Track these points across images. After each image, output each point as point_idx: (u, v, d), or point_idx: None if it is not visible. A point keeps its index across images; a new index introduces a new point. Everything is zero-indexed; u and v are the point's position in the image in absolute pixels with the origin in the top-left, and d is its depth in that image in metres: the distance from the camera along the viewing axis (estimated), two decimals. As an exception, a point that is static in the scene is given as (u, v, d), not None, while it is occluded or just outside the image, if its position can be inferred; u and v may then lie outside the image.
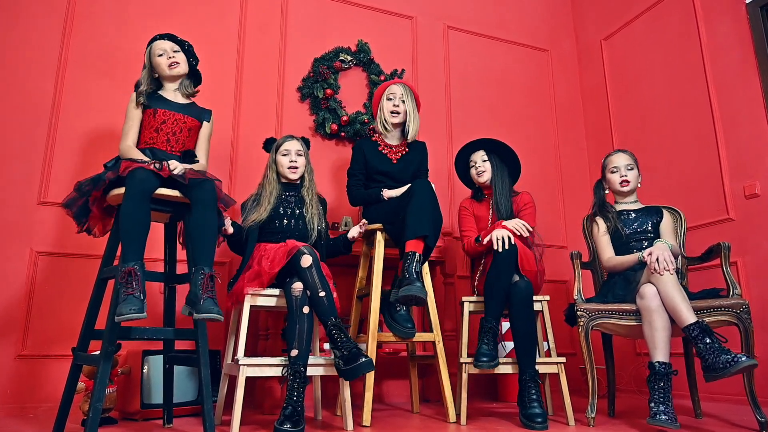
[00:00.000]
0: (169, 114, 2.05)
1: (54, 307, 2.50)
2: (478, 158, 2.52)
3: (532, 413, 2.00)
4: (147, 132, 2.03)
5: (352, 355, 1.87)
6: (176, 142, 2.05)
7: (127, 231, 1.72)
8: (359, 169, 2.47)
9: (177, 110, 2.07)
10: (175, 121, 2.05)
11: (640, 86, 3.49)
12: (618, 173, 2.42)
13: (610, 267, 2.32)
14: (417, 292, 1.99)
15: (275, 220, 2.27)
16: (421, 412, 2.46)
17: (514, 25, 3.90)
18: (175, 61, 2.08)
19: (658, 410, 1.86)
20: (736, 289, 2.08)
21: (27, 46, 2.68)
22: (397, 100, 2.47)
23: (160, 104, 2.06)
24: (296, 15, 3.28)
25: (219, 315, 1.70)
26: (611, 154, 2.50)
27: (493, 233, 2.23)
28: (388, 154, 2.49)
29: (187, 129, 2.09)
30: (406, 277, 2.05)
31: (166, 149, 2.03)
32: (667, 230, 2.36)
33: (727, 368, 1.77)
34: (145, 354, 2.19)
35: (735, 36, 2.93)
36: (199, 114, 2.15)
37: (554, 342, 2.33)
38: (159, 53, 2.08)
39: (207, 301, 1.70)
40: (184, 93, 2.14)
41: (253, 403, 2.55)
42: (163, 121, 2.03)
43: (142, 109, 2.04)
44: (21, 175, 2.56)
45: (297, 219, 2.30)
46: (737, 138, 2.88)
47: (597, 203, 2.48)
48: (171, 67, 2.08)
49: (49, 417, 2.07)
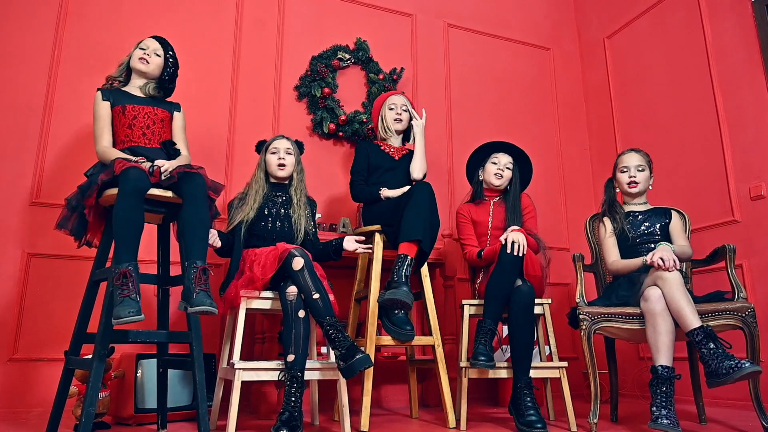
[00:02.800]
0: (138, 108, 2.03)
1: (46, 310, 2.47)
2: (505, 161, 2.49)
3: (531, 420, 1.98)
4: (121, 130, 2.02)
5: (348, 351, 1.86)
6: (152, 134, 2.04)
7: (121, 231, 1.69)
8: (362, 167, 2.50)
9: (145, 103, 2.06)
10: (146, 114, 2.04)
11: (643, 85, 3.45)
12: (627, 173, 2.38)
13: (615, 270, 2.28)
14: (402, 297, 1.99)
15: (261, 221, 2.24)
16: (421, 417, 2.44)
17: (516, 23, 3.87)
18: (145, 59, 2.08)
19: (660, 414, 1.84)
20: (742, 293, 2.06)
21: (19, 44, 2.64)
22: (398, 109, 2.57)
23: (126, 100, 2.04)
24: (294, 12, 3.24)
25: (213, 308, 1.68)
26: (624, 153, 2.44)
27: (511, 235, 2.18)
28: (390, 152, 2.54)
29: (160, 120, 2.07)
30: (394, 280, 2.06)
31: (143, 144, 2.01)
32: (676, 231, 2.33)
33: (730, 374, 1.76)
34: (139, 357, 2.16)
35: (740, 34, 2.89)
36: (168, 106, 2.14)
37: (556, 346, 2.31)
38: (141, 47, 2.10)
39: (200, 294, 1.68)
40: (147, 93, 2.12)
41: (248, 408, 2.52)
42: (134, 116, 2.02)
43: (110, 106, 2.02)
44: (12, 176, 2.53)
45: (283, 220, 2.27)
46: (743, 138, 2.84)
47: (606, 202, 2.43)
48: (140, 60, 2.08)
49: (41, 422, 2.04)
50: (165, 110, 2.10)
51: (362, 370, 1.85)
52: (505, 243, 2.17)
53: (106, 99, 2.02)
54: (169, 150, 2.02)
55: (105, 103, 2.02)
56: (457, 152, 3.40)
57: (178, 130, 2.13)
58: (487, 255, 2.32)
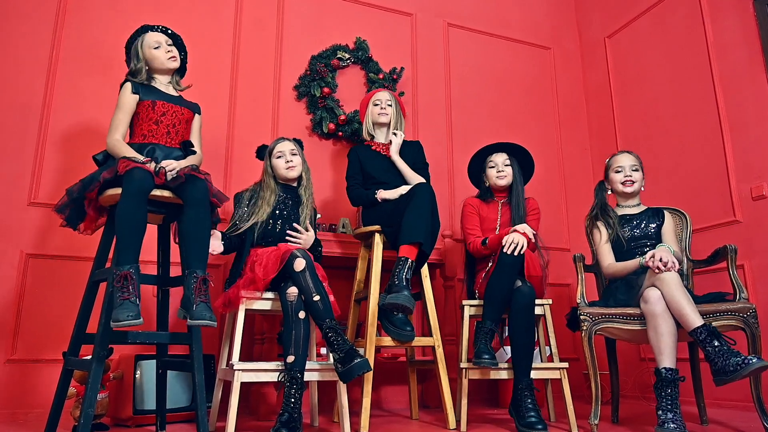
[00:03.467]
0: (168, 106, 2.01)
1: (44, 311, 2.46)
2: (500, 160, 2.47)
3: (531, 422, 1.97)
4: (146, 124, 1.98)
5: (347, 355, 1.86)
6: (176, 134, 2.03)
7: (124, 233, 1.68)
8: (356, 172, 2.51)
9: (175, 102, 2.05)
10: (174, 113, 2.02)
11: (644, 85, 3.43)
12: (622, 173, 2.38)
13: (610, 273, 2.28)
14: (403, 301, 1.99)
15: (269, 224, 2.23)
16: (421, 419, 2.43)
17: (516, 23, 3.85)
18: (173, 55, 2.06)
19: (667, 418, 1.83)
20: (743, 293, 2.06)
21: (17, 42, 2.63)
22: (383, 104, 2.58)
23: (156, 96, 2.01)
24: (293, 11, 3.23)
25: (212, 321, 1.69)
26: (616, 155, 2.46)
27: (509, 236, 2.17)
28: (381, 150, 2.55)
29: (185, 121, 2.07)
30: (395, 283, 2.05)
31: (165, 142, 1.99)
32: (668, 233, 2.32)
33: (738, 371, 1.74)
34: (138, 358, 2.15)
35: (742, 33, 2.88)
36: (192, 106, 2.13)
37: (556, 347, 2.30)
38: (155, 45, 2.03)
39: (200, 306, 1.69)
40: (176, 87, 2.12)
41: (248, 409, 2.51)
42: (163, 113, 2.00)
43: (137, 100, 1.98)
44: (10, 175, 2.52)
45: (292, 222, 2.26)
46: (744, 138, 2.83)
47: (597, 205, 2.43)
48: (172, 59, 2.06)
49: (39, 423, 2.03)
50: (190, 111, 2.10)
51: (360, 374, 1.85)
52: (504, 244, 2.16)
53: (135, 92, 1.97)
54: (187, 151, 2.02)
55: (133, 96, 1.96)
56: (457, 152, 3.39)
57: (197, 131, 2.13)
58: (492, 243, 2.27)
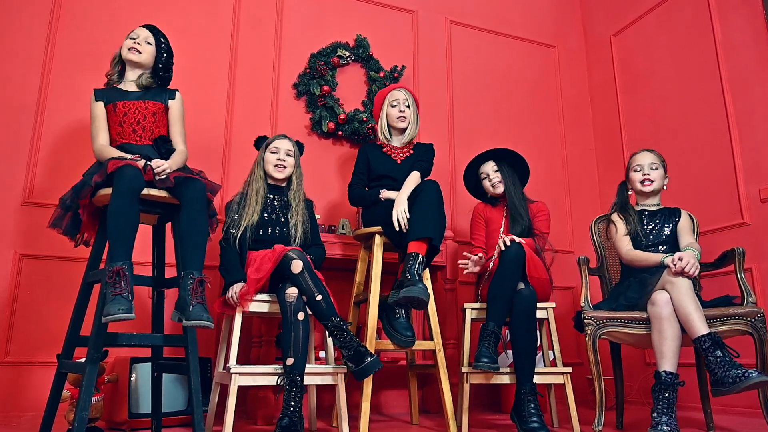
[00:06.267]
0: (128, 104, 1.98)
1: (38, 312, 2.43)
2: (489, 169, 2.47)
3: (534, 427, 1.95)
4: (113, 129, 1.99)
5: (356, 353, 1.88)
6: (143, 130, 1.99)
7: (116, 230, 1.67)
8: (361, 171, 2.46)
9: (135, 98, 2.01)
10: (136, 110, 1.98)
11: (651, 84, 3.39)
12: (641, 171, 2.34)
13: (629, 260, 2.23)
14: (419, 294, 1.93)
15: (260, 228, 2.19)
16: (421, 424, 2.40)
17: (520, 20, 3.81)
18: (135, 48, 2.02)
19: (660, 421, 1.83)
20: (751, 297, 2.04)
21: (11, 40, 2.60)
22: (401, 106, 2.48)
23: (118, 97, 2.00)
24: (292, 8, 3.19)
25: (209, 322, 1.67)
26: (637, 153, 2.41)
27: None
28: (393, 155, 2.47)
29: (151, 114, 2.01)
30: (408, 278, 2.00)
31: (134, 141, 1.97)
32: (684, 230, 2.28)
33: (736, 384, 1.75)
34: (133, 361, 2.13)
35: (750, 31, 2.83)
36: (161, 95, 2.05)
37: (560, 351, 2.28)
38: (131, 36, 2.04)
39: (196, 308, 1.67)
40: (141, 86, 2.05)
41: (245, 413, 2.48)
42: (125, 113, 1.97)
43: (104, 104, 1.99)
44: (4, 175, 2.49)
45: (282, 226, 2.22)
46: (753, 138, 2.79)
47: (618, 203, 2.39)
48: (130, 51, 2.02)
49: (33, 426, 2.01)
50: (157, 102, 2.02)
51: (374, 372, 1.88)
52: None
53: (99, 99, 2.00)
54: (161, 148, 1.97)
55: (98, 103, 2.00)
56: (459, 152, 3.35)
57: (175, 120, 2.05)
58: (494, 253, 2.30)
